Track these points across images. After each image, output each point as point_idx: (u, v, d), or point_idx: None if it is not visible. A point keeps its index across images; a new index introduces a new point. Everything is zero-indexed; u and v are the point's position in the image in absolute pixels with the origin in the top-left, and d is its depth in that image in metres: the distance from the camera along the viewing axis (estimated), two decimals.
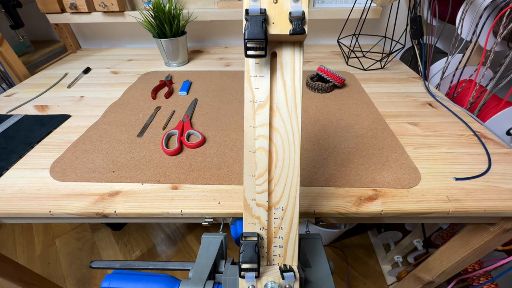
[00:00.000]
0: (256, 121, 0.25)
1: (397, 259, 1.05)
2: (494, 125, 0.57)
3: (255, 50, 0.22)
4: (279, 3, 0.22)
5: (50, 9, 0.89)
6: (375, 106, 0.62)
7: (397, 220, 0.43)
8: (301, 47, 0.24)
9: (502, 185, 0.41)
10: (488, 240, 0.46)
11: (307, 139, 0.51)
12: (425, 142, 0.50)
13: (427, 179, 0.42)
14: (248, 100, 0.24)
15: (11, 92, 0.73)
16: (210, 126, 0.57)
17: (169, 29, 0.78)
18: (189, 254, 1.18)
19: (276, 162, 0.25)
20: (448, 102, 0.63)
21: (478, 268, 0.62)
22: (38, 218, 0.42)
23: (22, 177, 0.45)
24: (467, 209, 0.37)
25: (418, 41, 0.74)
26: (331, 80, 0.67)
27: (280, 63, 0.24)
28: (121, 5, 0.87)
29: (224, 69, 0.84)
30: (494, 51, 0.57)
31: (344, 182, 0.42)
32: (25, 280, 0.60)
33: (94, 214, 0.39)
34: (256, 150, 0.25)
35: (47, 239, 1.25)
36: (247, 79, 0.24)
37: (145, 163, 0.47)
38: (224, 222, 0.44)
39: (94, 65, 0.89)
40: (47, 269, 1.13)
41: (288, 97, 0.24)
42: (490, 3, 0.57)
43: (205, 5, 0.92)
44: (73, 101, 0.68)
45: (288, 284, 0.25)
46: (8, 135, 0.55)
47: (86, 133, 0.55)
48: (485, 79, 0.65)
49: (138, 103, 0.66)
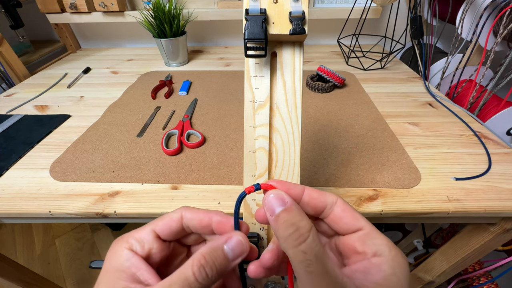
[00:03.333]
0: (256, 121, 0.24)
1: None
2: (494, 125, 0.57)
3: (255, 50, 0.22)
4: (279, 3, 0.22)
5: (50, 9, 0.89)
6: (375, 106, 0.61)
7: (397, 220, 0.43)
8: (301, 47, 0.24)
9: (502, 185, 0.41)
10: (488, 240, 0.45)
11: (307, 139, 0.51)
12: (425, 142, 0.50)
13: (427, 179, 0.42)
14: (248, 100, 0.24)
15: (11, 92, 0.73)
16: (210, 126, 0.57)
17: (169, 29, 0.78)
18: None
19: (276, 162, 0.25)
20: (448, 102, 0.63)
21: (478, 268, 0.62)
22: (38, 218, 0.42)
23: (22, 177, 0.45)
24: (467, 209, 0.37)
25: (418, 41, 0.74)
26: (331, 80, 0.67)
27: (280, 63, 0.24)
28: (121, 5, 0.87)
29: (224, 69, 0.84)
30: (494, 51, 0.56)
31: (344, 182, 0.42)
32: (25, 280, 0.60)
33: (94, 214, 0.38)
34: (256, 150, 0.25)
35: (47, 239, 1.25)
36: (247, 79, 0.24)
37: (145, 163, 0.47)
38: None
39: (94, 65, 0.89)
40: (47, 269, 1.13)
41: (288, 97, 0.24)
42: (490, 3, 0.57)
43: (205, 5, 0.92)
44: (73, 101, 0.68)
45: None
46: (8, 135, 0.55)
47: (86, 133, 0.55)
48: (485, 79, 0.65)
49: (138, 103, 0.66)
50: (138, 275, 0.17)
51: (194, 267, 0.17)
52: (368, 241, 0.17)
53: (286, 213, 0.17)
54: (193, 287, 0.16)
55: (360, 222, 0.18)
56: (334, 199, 0.19)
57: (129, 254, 0.18)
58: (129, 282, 0.17)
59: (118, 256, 0.18)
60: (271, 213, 0.17)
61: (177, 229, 0.20)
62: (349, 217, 0.18)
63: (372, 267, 0.17)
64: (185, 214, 0.20)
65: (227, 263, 0.18)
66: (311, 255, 0.15)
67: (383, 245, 0.17)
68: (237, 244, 0.18)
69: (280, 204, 0.17)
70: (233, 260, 0.18)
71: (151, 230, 0.19)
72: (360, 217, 0.18)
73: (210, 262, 0.17)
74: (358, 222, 0.18)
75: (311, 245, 0.16)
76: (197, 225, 0.20)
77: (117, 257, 0.18)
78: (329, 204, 0.19)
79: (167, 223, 0.19)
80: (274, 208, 0.17)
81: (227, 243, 0.18)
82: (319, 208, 0.19)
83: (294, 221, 0.16)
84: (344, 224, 0.18)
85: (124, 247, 0.18)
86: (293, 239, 0.16)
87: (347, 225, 0.18)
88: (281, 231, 0.16)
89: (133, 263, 0.18)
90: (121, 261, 0.18)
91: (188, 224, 0.20)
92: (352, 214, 0.18)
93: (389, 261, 0.16)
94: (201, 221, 0.20)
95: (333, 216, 0.19)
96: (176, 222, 0.20)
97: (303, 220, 0.17)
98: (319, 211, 0.19)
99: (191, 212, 0.20)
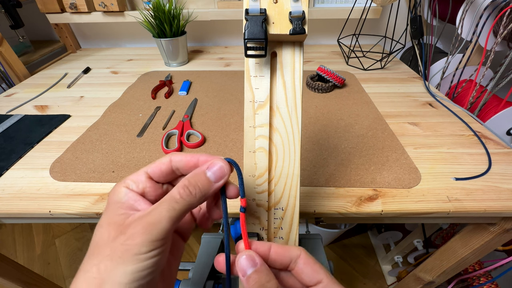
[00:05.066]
0: (256, 121, 0.24)
1: (397, 259, 1.05)
2: (494, 125, 0.57)
3: (255, 50, 0.22)
4: (279, 3, 0.22)
5: (50, 9, 0.89)
6: (375, 106, 0.61)
7: (397, 220, 0.43)
8: (301, 47, 0.24)
9: (502, 185, 0.41)
10: (488, 240, 0.45)
11: (307, 139, 0.51)
12: (425, 142, 0.50)
13: (427, 179, 0.42)
14: (248, 100, 0.24)
15: (11, 92, 0.73)
16: (210, 126, 0.57)
17: (169, 29, 0.78)
18: (189, 254, 1.18)
19: (276, 162, 0.25)
20: (448, 102, 0.63)
21: (478, 268, 0.62)
22: (38, 218, 0.42)
23: (22, 177, 0.45)
24: (467, 209, 0.37)
25: (418, 41, 0.74)
26: (331, 80, 0.67)
27: (280, 63, 0.24)
28: (121, 5, 0.87)
29: (224, 69, 0.84)
30: (494, 51, 0.56)
31: (344, 182, 0.42)
32: (25, 280, 0.60)
33: (94, 214, 0.38)
34: (256, 150, 0.25)
35: (47, 239, 1.25)
36: (247, 79, 0.24)
37: (145, 163, 0.47)
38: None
39: (94, 65, 0.89)
40: (47, 269, 1.13)
41: (288, 97, 0.24)
42: (490, 3, 0.57)
43: (205, 5, 0.92)
44: (73, 101, 0.68)
45: None
46: (8, 135, 0.55)
47: (86, 133, 0.55)
48: (485, 79, 0.65)
49: (138, 103, 0.66)
50: (136, 205, 0.20)
51: (179, 188, 0.19)
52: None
53: (256, 274, 0.19)
54: (179, 203, 0.19)
55: (319, 274, 0.20)
56: (297, 253, 0.21)
57: (127, 190, 0.20)
58: (128, 210, 0.19)
59: (117, 193, 0.20)
60: (243, 274, 0.20)
61: (167, 170, 0.22)
62: (310, 270, 0.21)
63: None
64: (174, 158, 0.22)
65: (210, 185, 0.20)
66: None
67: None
68: (218, 168, 0.21)
69: (251, 265, 0.20)
70: (216, 182, 0.20)
71: (144, 172, 0.21)
72: (320, 270, 0.21)
73: (193, 183, 0.20)
74: (318, 274, 0.20)
75: None
76: (184, 165, 0.22)
77: (116, 193, 0.20)
78: (293, 258, 0.21)
79: (157, 165, 0.22)
80: (246, 269, 0.20)
81: (209, 168, 0.21)
82: (285, 262, 0.21)
83: (262, 282, 0.19)
84: (306, 276, 0.21)
85: (122, 186, 0.21)
86: None
87: (308, 277, 0.20)
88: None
89: (130, 197, 0.20)
90: (120, 196, 0.20)
91: (177, 166, 0.22)
92: (312, 267, 0.21)
93: None
94: (188, 161, 0.22)
95: (297, 269, 0.21)
96: (166, 165, 0.22)
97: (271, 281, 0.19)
98: (286, 264, 0.21)
99: (179, 155, 0.22)
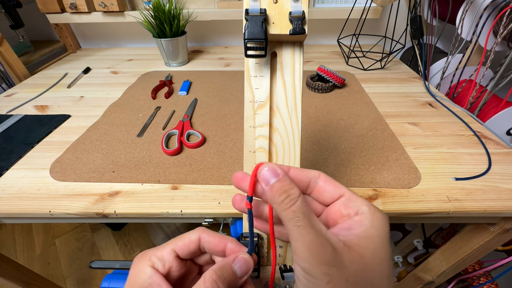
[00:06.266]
0: (256, 121, 0.24)
1: (397, 259, 1.05)
2: (494, 125, 0.57)
3: (255, 50, 0.22)
4: (279, 3, 0.22)
5: (50, 9, 0.89)
6: (375, 106, 0.61)
7: (397, 220, 0.43)
8: (301, 47, 0.24)
9: (502, 185, 0.41)
10: (488, 240, 0.45)
11: (307, 139, 0.51)
12: (425, 142, 0.50)
13: (427, 179, 0.42)
14: (248, 100, 0.24)
15: (11, 92, 0.73)
16: (210, 126, 0.57)
17: (169, 29, 0.78)
18: None
19: (276, 162, 0.25)
20: (448, 102, 0.63)
21: (478, 268, 0.62)
22: (38, 218, 0.42)
23: (22, 177, 0.45)
24: (467, 209, 0.37)
25: (418, 41, 0.74)
26: (331, 80, 0.67)
27: (280, 63, 0.24)
28: (121, 5, 0.87)
29: (224, 69, 0.84)
30: (494, 51, 0.56)
31: (344, 182, 0.42)
32: (25, 280, 0.60)
33: (94, 214, 0.38)
34: (256, 150, 0.25)
35: (47, 239, 1.25)
36: (247, 79, 0.24)
37: (145, 163, 0.47)
38: (224, 222, 0.44)
39: (94, 65, 0.89)
40: (47, 269, 1.13)
41: (288, 97, 0.24)
42: (490, 3, 0.57)
43: (205, 5, 0.92)
44: (73, 101, 0.68)
45: (288, 284, 0.25)
46: (8, 135, 0.55)
47: (86, 133, 0.55)
48: (485, 79, 0.65)
49: (138, 103, 0.66)
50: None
51: (207, 283, 0.19)
52: (350, 203, 0.20)
53: (279, 182, 0.19)
54: None
55: (341, 189, 0.20)
56: (316, 174, 0.21)
57: (152, 271, 0.20)
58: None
59: (142, 273, 0.20)
60: (266, 184, 0.20)
61: (195, 249, 0.22)
62: (331, 186, 0.21)
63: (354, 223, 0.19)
64: (203, 237, 0.22)
65: (236, 279, 0.20)
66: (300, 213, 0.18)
67: (363, 205, 0.19)
68: (244, 263, 0.21)
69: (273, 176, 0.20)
70: (241, 277, 0.20)
71: (171, 250, 0.21)
72: (340, 185, 0.21)
73: (221, 277, 0.19)
74: (339, 189, 0.20)
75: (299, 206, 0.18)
76: (212, 248, 0.22)
77: (140, 274, 0.20)
78: (312, 178, 0.21)
79: (186, 243, 0.21)
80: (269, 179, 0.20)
81: (235, 261, 0.21)
82: (304, 182, 0.21)
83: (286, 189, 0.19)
84: (328, 193, 0.21)
85: (147, 264, 0.20)
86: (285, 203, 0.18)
87: (330, 193, 0.21)
88: (276, 198, 0.19)
89: (155, 280, 0.19)
90: (144, 278, 0.19)
91: (204, 246, 0.22)
92: (333, 183, 0.21)
93: (368, 217, 0.19)
94: (216, 245, 0.22)
95: (318, 188, 0.21)
96: (195, 244, 0.22)
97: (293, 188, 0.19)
98: (305, 185, 0.21)
99: (208, 235, 0.22)
